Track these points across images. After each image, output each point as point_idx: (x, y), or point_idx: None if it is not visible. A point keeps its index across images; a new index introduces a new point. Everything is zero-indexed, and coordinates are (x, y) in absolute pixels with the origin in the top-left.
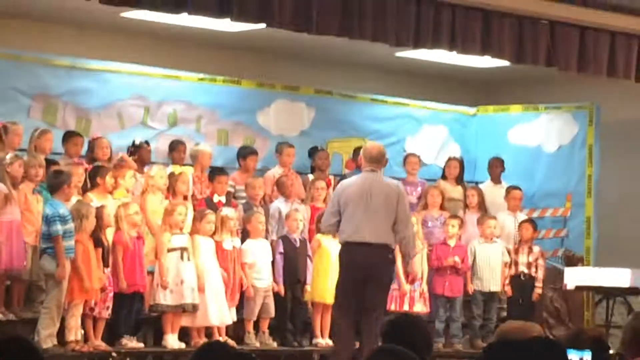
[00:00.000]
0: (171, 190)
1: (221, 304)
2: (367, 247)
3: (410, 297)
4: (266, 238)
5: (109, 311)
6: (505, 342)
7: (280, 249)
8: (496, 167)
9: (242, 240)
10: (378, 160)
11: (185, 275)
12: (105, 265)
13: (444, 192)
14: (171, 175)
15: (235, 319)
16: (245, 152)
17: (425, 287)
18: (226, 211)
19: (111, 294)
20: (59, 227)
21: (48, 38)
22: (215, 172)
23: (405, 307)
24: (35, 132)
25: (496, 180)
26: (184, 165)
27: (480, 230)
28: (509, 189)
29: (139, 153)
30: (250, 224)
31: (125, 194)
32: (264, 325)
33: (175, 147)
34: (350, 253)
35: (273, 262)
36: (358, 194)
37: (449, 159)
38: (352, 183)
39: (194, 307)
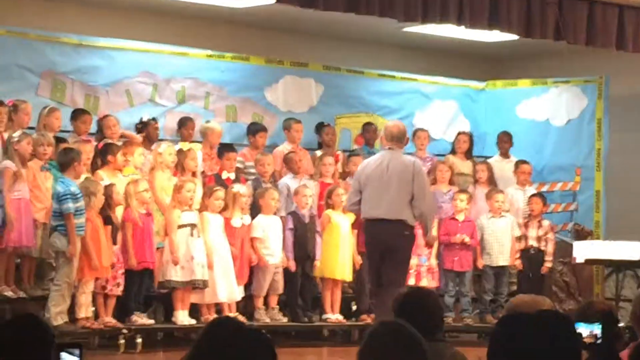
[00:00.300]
0: (180, 167)
1: (230, 280)
2: (383, 223)
3: (417, 272)
4: (275, 214)
5: (120, 288)
6: (515, 315)
7: (290, 224)
8: (504, 142)
9: (253, 217)
10: (399, 139)
11: (195, 252)
12: (114, 242)
13: (453, 167)
14: (180, 152)
15: (243, 295)
16: (255, 129)
17: (434, 261)
18: (237, 188)
19: (121, 271)
20: (70, 205)
21: (55, 16)
22: (224, 149)
23: (412, 282)
24: (44, 110)
25: (505, 154)
26: (193, 142)
27: (488, 204)
28: (517, 163)
29: (146, 130)
30: (263, 200)
31: (134, 170)
32: (273, 302)
33: (184, 123)
34: (369, 229)
35: (284, 239)
36: (376, 172)
37: (458, 134)
38: (371, 162)
39: (204, 284)
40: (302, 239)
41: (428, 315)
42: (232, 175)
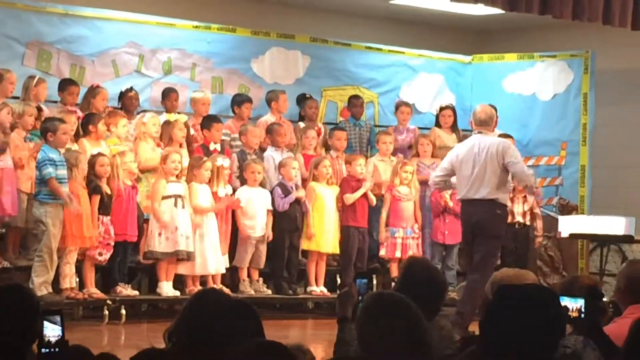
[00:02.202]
0: (166, 137)
1: (217, 252)
2: (475, 203)
3: (402, 243)
4: (262, 186)
5: (104, 257)
6: (504, 287)
7: (280, 193)
8: None
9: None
10: (487, 123)
11: (179, 223)
12: (106, 213)
13: (436, 141)
14: (167, 123)
15: (227, 265)
16: (240, 100)
17: (419, 232)
18: (221, 161)
19: (108, 242)
20: (50, 170)
21: None
22: (211, 120)
23: (398, 254)
24: (31, 80)
25: None
26: (177, 113)
27: None
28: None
29: (122, 100)
30: (247, 172)
31: (117, 141)
32: (255, 275)
33: (167, 95)
34: (463, 210)
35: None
36: (469, 154)
37: (441, 108)
38: (464, 145)
39: (189, 255)
40: (289, 210)
41: (434, 286)
42: (219, 147)
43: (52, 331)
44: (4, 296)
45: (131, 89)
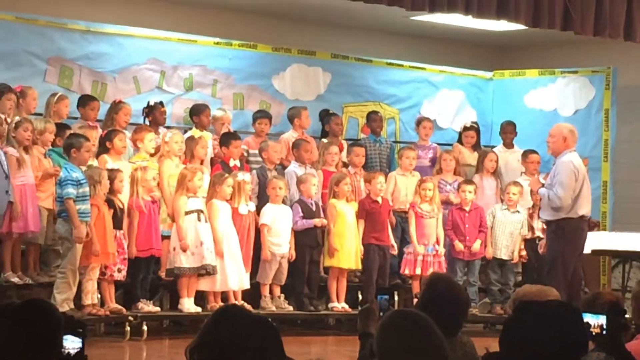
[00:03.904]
0: (189, 154)
1: (240, 268)
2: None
3: (423, 260)
4: (284, 202)
5: (122, 274)
6: (528, 303)
7: (299, 212)
8: (508, 132)
9: (260, 205)
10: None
11: (203, 237)
12: (118, 227)
13: (459, 158)
14: (191, 139)
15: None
16: (256, 116)
17: (442, 250)
18: (242, 176)
19: (124, 257)
20: (70, 190)
21: (63, 2)
22: (230, 137)
23: (418, 271)
24: (52, 97)
25: (509, 145)
26: (208, 130)
27: (504, 196)
28: (526, 153)
29: (153, 114)
30: (270, 189)
31: (145, 156)
32: (276, 291)
33: (201, 111)
34: (583, 227)
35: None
36: (582, 172)
37: (465, 129)
38: (579, 162)
39: (214, 269)
40: (309, 227)
41: (459, 302)
42: (238, 163)
43: (71, 343)
44: (27, 311)
45: (161, 103)
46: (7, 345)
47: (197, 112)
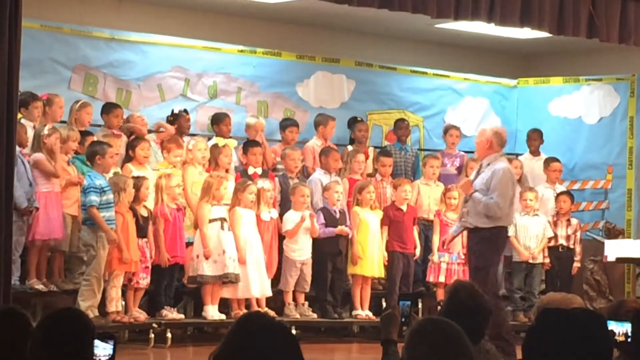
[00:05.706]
0: (213, 162)
1: (262, 275)
2: None
3: (447, 269)
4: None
5: (146, 281)
6: (552, 310)
7: (322, 220)
8: (534, 140)
9: (283, 212)
10: None
11: (226, 246)
12: (142, 235)
13: None
14: (215, 147)
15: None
16: (284, 124)
17: (464, 258)
18: (262, 183)
19: (146, 265)
20: (93, 198)
21: (88, 10)
22: (249, 145)
23: (442, 279)
24: (75, 104)
25: (535, 152)
26: (229, 137)
27: (520, 203)
28: (547, 161)
29: (178, 122)
30: (294, 196)
31: (167, 165)
32: (300, 298)
33: (221, 119)
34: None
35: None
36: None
37: None
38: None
39: (236, 278)
40: (331, 235)
41: (483, 318)
42: (259, 170)
43: (103, 350)
44: (60, 320)
45: (185, 111)
46: (40, 353)
47: (217, 121)
